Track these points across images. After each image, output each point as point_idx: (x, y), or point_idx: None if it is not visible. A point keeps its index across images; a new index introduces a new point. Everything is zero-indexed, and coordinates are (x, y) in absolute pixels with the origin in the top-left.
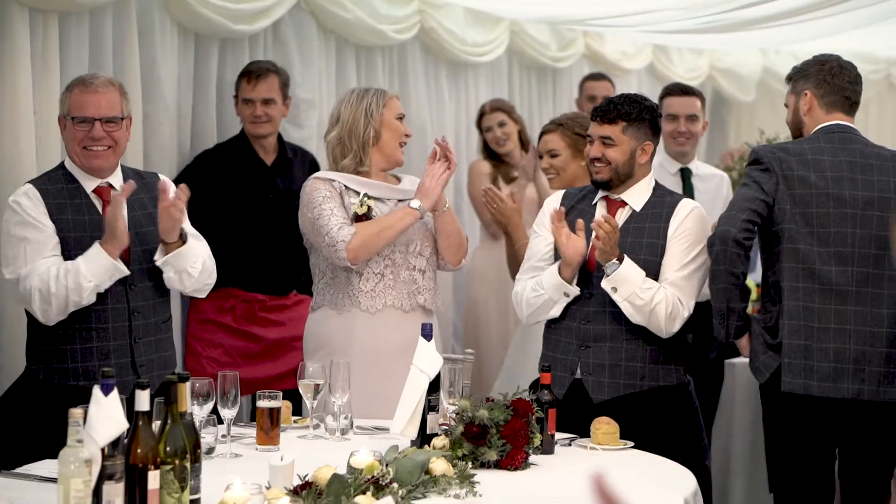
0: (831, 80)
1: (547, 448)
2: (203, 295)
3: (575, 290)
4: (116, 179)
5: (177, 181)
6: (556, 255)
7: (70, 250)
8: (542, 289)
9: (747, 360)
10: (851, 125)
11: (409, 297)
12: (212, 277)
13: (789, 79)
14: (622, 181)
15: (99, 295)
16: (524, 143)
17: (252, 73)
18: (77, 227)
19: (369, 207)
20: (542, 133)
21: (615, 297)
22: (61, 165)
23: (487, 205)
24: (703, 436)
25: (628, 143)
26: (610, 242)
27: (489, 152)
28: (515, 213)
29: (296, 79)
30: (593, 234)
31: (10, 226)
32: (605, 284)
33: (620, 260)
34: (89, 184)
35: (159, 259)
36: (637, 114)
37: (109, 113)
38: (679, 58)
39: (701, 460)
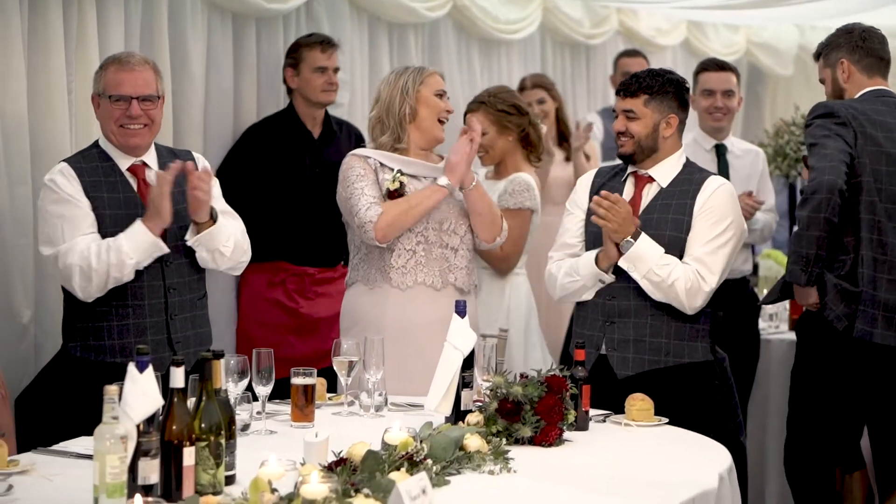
0: (863, 44)
1: (581, 424)
2: (237, 273)
3: (610, 278)
4: (150, 158)
5: (227, 157)
6: (587, 236)
7: (106, 227)
8: (577, 275)
9: (783, 334)
10: (892, 90)
11: (440, 275)
12: (246, 255)
13: (818, 55)
14: (647, 155)
15: (137, 271)
16: (561, 121)
17: (326, 42)
18: (112, 205)
19: (402, 184)
20: (466, 112)
21: (633, 274)
22: (95, 144)
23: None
24: (738, 412)
25: (651, 117)
26: (617, 218)
27: None
28: None
29: None
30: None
31: (47, 204)
32: (623, 262)
33: (636, 237)
34: (124, 162)
35: (190, 239)
36: (659, 87)
37: (146, 91)
38: (714, 33)
39: (735, 436)
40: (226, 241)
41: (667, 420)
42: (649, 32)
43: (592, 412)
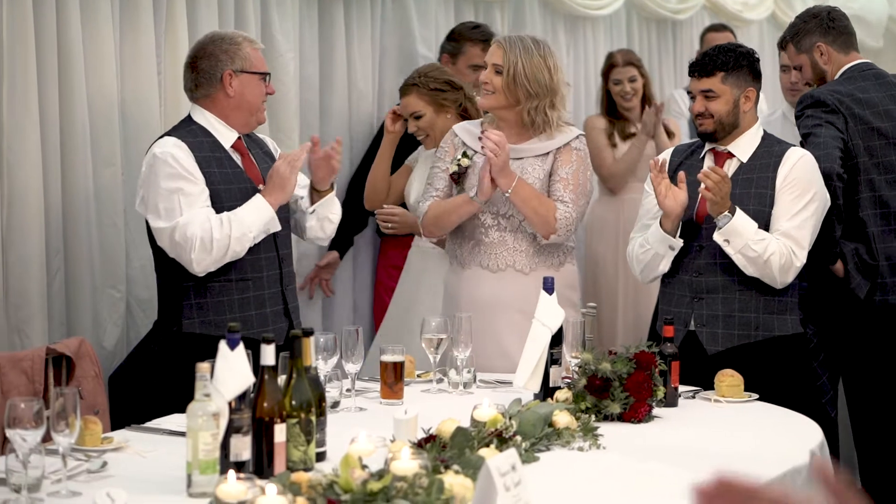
0: (833, 24)
1: (670, 401)
2: (324, 243)
3: (679, 243)
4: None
5: (378, 135)
6: None
7: (222, 203)
8: (648, 244)
9: None
10: (870, 61)
11: (495, 259)
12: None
13: (784, 44)
14: (728, 132)
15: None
16: (648, 99)
17: (488, 40)
18: (224, 180)
19: (459, 166)
20: (401, 95)
21: (728, 249)
22: (190, 120)
23: None
24: (829, 388)
25: (730, 93)
26: (721, 193)
27: (609, 106)
28: None
29: (414, 35)
30: (702, 185)
31: (161, 178)
32: (718, 237)
33: (732, 212)
34: (227, 138)
35: (313, 206)
36: (734, 62)
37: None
38: (802, 6)
39: (826, 412)
40: (335, 211)
41: (756, 396)
42: (735, 7)
43: (681, 388)
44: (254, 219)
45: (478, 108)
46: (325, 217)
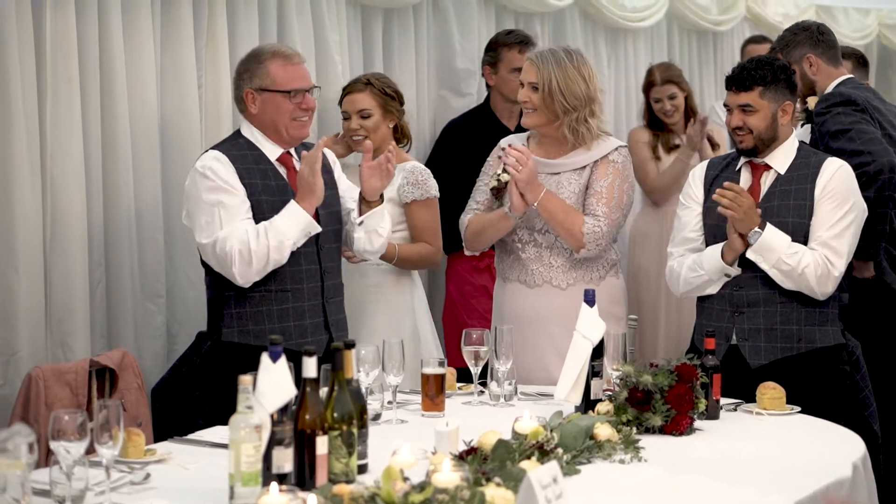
0: (822, 37)
1: (712, 413)
2: (372, 257)
3: (736, 271)
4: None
5: (432, 154)
6: (705, 229)
7: (263, 214)
8: (701, 269)
9: None
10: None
11: (531, 275)
12: (385, 245)
13: (773, 54)
14: (767, 146)
15: (293, 256)
16: (691, 112)
17: (524, 42)
18: (267, 191)
19: (499, 181)
20: (349, 92)
21: (762, 265)
22: (238, 134)
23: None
24: (872, 400)
25: (768, 107)
26: (741, 210)
27: (651, 119)
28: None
29: (455, 48)
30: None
31: (202, 192)
32: (751, 254)
33: (763, 227)
34: (273, 152)
35: (361, 217)
36: (772, 76)
37: (312, 83)
38: (845, 17)
39: (868, 424)
40: (383, 224)
41: (798, 409)
42: (777, 18)
43: (723, 401)
44: (289, 225)
45: (408, 129)
46: (374, 230)
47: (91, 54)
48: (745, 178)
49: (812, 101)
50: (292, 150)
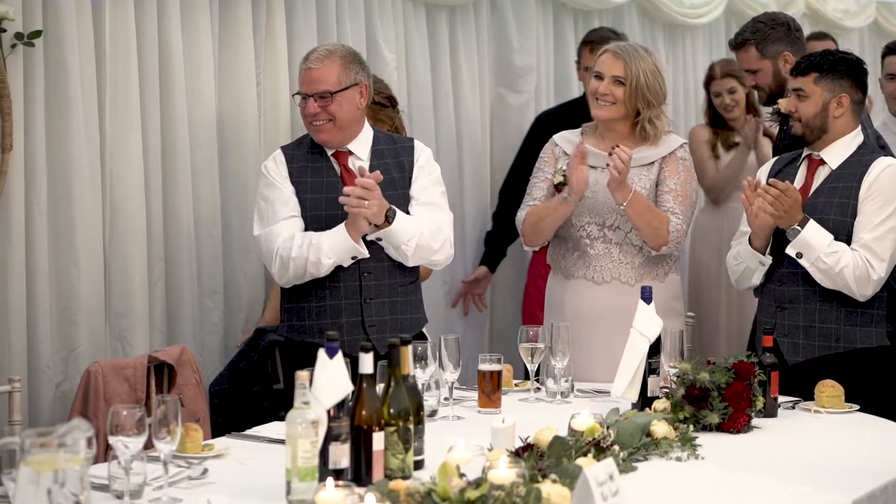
0: (798, 36)
1: (770, 411)
2: (437, 267)
3: (768, 260)
4: (360, 146)
5: (523, 145)
6: None
7: (307, 210)
8: (740, 257)
9: None
10: None
11: (599, 271)
12: (439, 254)
13: (744, 44)
14: (816, 136)
15: None
16: (752, 109)
17: (596, 41)
18: (315, 188)
19: (564, 177)
20: None
21: (802, 261)
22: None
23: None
24: None
25: (820, 95)
26: (783, 206)
27: (713, 116)
28: None
29: (513, 45)
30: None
31: (260, 187)
32: (790, 250)
33: (804, 224)
34: (330, 148)
35: (371, 235)
36: (830, 65)
37: (319, 88)
38: None
39: None
40: (407, 241)
41: (857, 407)
42: (836, 15)
43: (781, 399)
44: (331, 246)
45: (404, 128)
46: (398, 246)
47: (150, 53)
48: (801, 173)
49: (784, 103)
50: (357, 148)
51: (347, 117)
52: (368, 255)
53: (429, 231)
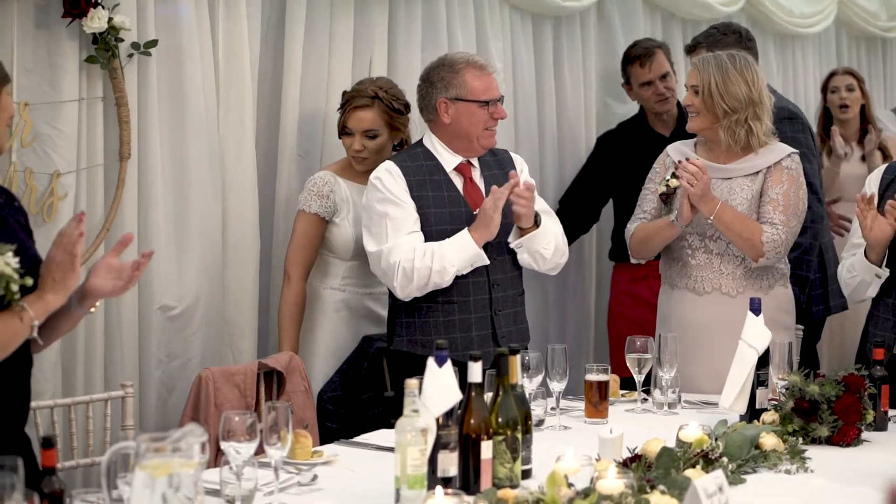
0: (750, 44)
1: (880, 424)
2: (555, 273)
3: (885, 273)
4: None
5: (587, 163)
6: None
7: (431, 226)
8: (854, 270)
9: None
10: None
11: (700, 282)
12: (564, 257)
13: (690, 49)
14: None
15: None
16: (868, 119)
17: (643, 55)
18: (437, 203)
19: (668, 187)
20: (354, 107)
21: None
22: (419, 143)
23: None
24: None
25: None
26: None
27: (826, 122)
28: None
29: (618, 55)
30: None
31: (373, 202)
32: None
33: None
34: (450, 161)
35: (513, 242)
36: None
37: (500, 93)
38: None
39: None
40: (546, 244)
41: None
42: None
43: (892, 412)
44: (456, 253)
45: (410, 136)
46: (537, 251)
47: (262, 63)
48: None
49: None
50: (473, 160)
51: None
52: (489, 262)
53: (559, 233)
